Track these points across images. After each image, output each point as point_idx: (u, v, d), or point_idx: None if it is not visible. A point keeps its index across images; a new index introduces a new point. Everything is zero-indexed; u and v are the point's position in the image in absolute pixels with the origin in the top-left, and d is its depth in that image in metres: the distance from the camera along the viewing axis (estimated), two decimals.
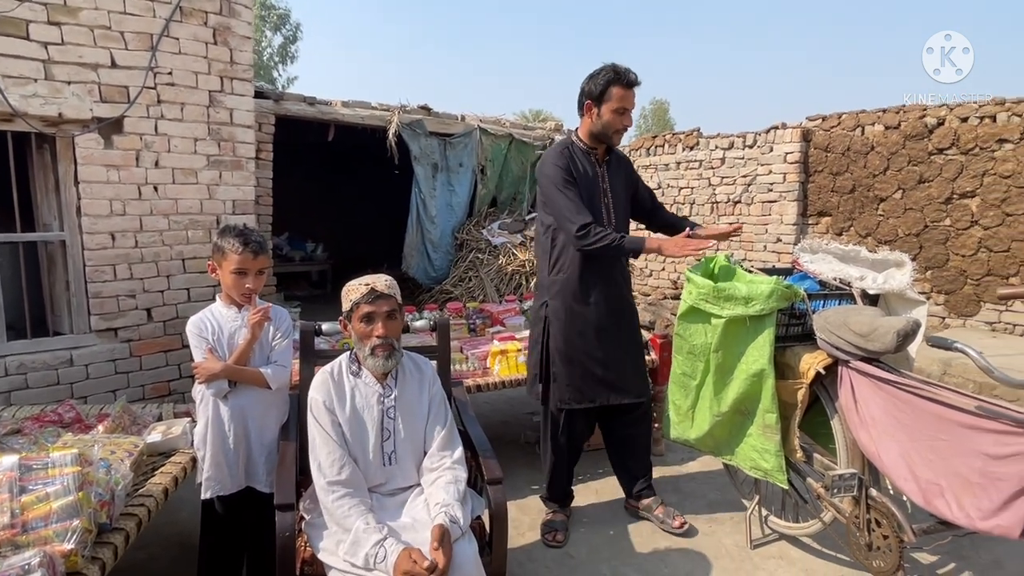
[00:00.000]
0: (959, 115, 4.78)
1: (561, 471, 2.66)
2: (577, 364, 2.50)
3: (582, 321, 2.48)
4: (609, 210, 2.53)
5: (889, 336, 1.90)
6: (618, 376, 2.53)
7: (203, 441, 1.97)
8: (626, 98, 2.38)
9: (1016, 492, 1.53)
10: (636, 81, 2.41)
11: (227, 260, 1.96)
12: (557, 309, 2.51)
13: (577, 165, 2.47)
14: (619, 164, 2.64)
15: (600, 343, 2.50)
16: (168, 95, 3.39)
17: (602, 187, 2.52)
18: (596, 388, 2.52)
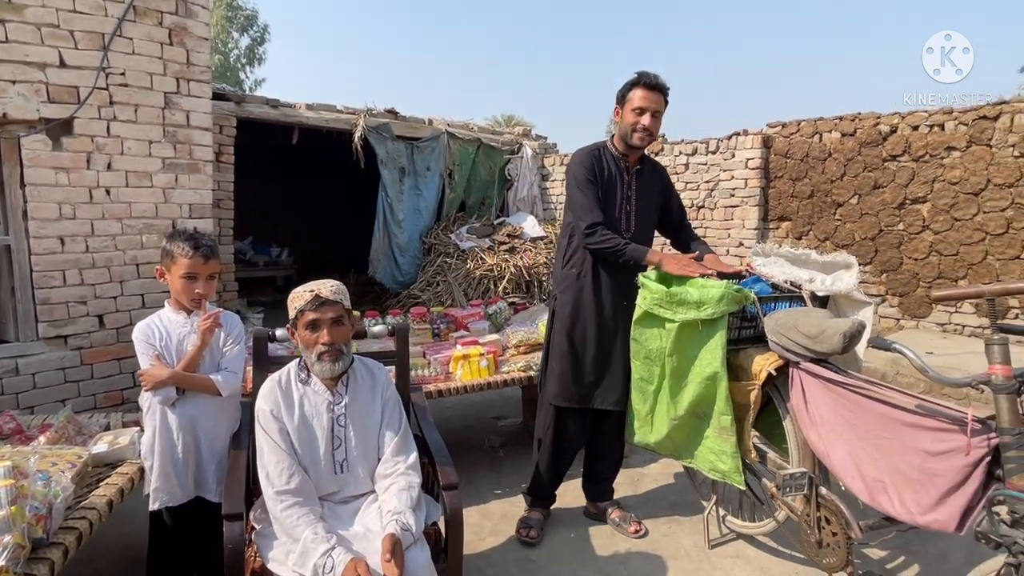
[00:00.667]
0: (910, 123, 4.94)
1: (545, 468, 2.67)
2: (572, 362, 2.53)
3: (585, 320, 2.52)
4: (630, 217, 2.54)
5: (836, 338, 1.95)
6: (609, 382, 2.54)
7: (151, 451, 1.92)
8: (646, 98, 2.40)
9: (951, 487, 1.59)
10: (657, 83, 2.41)
11: (176, 264, 1.92)
12: (564, 304, 2.57)
13: (604, 168, 2.52)
14: (652, 175, 2.63)
15: (599, 346, 2.52)
16: (121, 96, 3.30)
17: (626, 194, 2.54)
18: (585, 390, 2.54)
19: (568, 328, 2.54)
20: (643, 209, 2.58)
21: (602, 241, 2.40)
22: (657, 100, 2.41)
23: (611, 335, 2.52)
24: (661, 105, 2.43)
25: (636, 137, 2.44)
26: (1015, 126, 4.44)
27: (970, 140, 4.63)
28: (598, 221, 2.41)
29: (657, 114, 2.43)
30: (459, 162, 7.01)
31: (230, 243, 5.47)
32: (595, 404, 2.55)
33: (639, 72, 2.43)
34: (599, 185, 2.49)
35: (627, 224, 2.54)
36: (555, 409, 2.59)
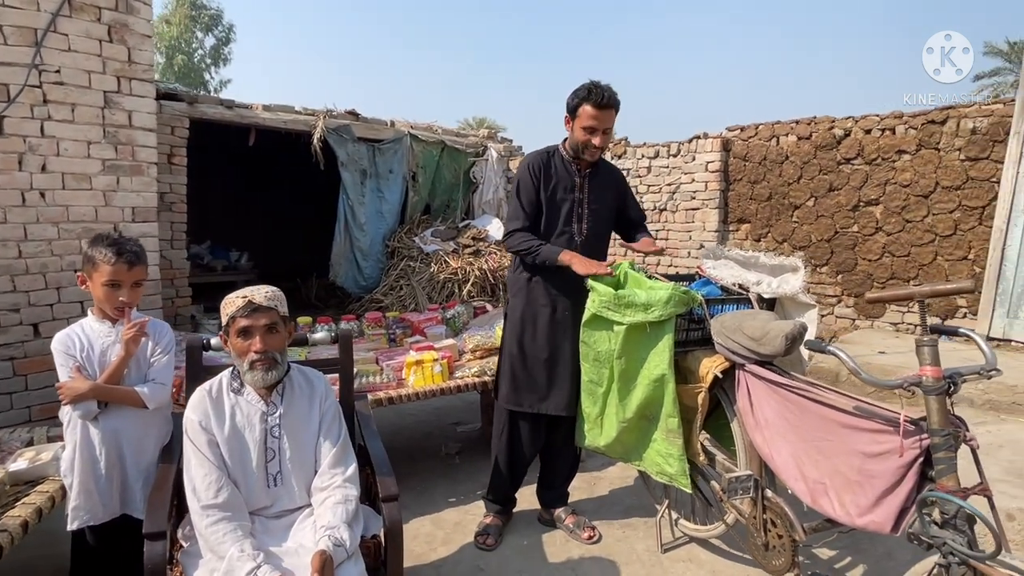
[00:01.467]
0: (863, 127, 5.05)
1: (500, 472, 2.65)
2: (522, 366, 2.52)
3: (534, 324, 2.50)
4: (582, 220, 2.51)
5: (778, 340, 1.95)
6: (559, 387, 2.51)
7: (71, 467, 1.82)
8: (596, 117, 2.34)
9: (887, 489, 1.59)
10: (606, 102, 2.33)
11: (98, 271, 1.82)
12: (514, 308, 2.57)
13: (555, 171, 2.50)
14: (607, 177, 2.60)
15: (547, 350, 2.49)
16: (56, 95, 3.16)
17: (578, 197, 2.50)
18: (536, 395, 2.52)
19: (518, 332, 2.52)
20: (597, 212, 2.55)
21: (518, 243, 2.44)
22: (607, 117, 2.36)
23: (559, 339, 2.49)
24: (611, 120, 2.39)
25: (587, 155, 2.44)
26: (961, 130, 4.56)
27: (919, 144, 4.75)
28: (520, 226, 2.46)
29: (608, 131, 2.41)
30: (423, 164, 6.93)
31: (183, 247, 5.30)
32: (545, 409, 2.52)
33: (589, 87, 2.35)
34: (544, 190, 2.47)
35: (579, 227, 2.51)
36: (508, 413, 2.58)
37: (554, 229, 2.50)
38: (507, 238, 2.50)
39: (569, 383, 2.50)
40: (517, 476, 2.69)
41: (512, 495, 2.74)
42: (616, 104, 2.38)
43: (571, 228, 2.50)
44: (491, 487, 2.71)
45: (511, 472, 2.66)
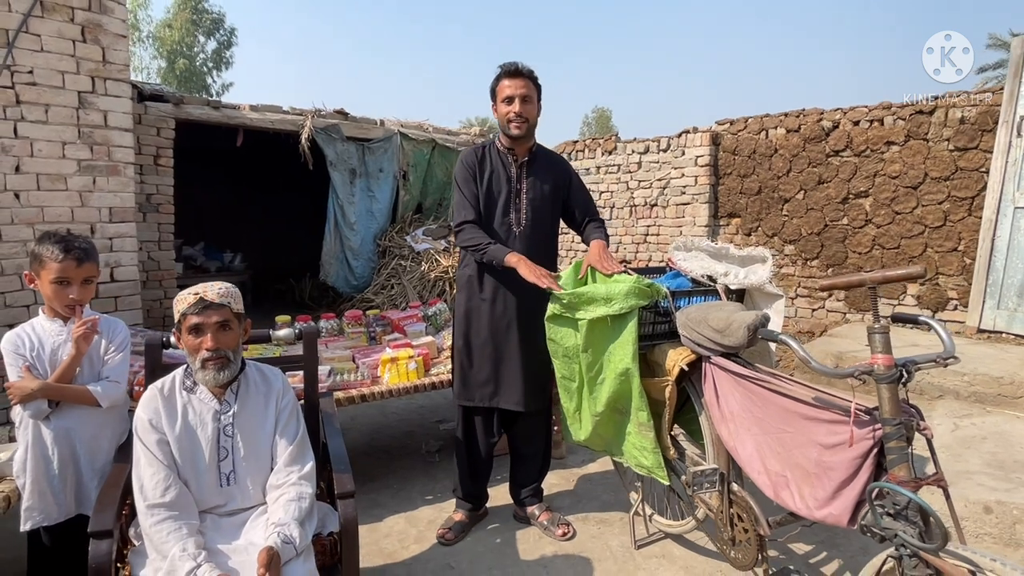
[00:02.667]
0: (851, 119, 4.99)
1: (462, 469, 2.65)
2: (468, 361, 2.52)
3: (476, 318, 2.49)
4: (520, 211, 2.48)
5: (741, 331, 1.91)
6: (506, 382, 2.49)
7: (23, 467, 1.81)
8: (511, 86, 2.37)
9: (844, 480, 1.56)
10: (518, 70, 2.38)
11: (46, 269, 1.80)
12: (459, 303, 2.58)
13: (489, 164, 2.49)
14: (546, 165, 2.55)
15: (491, 345, 2.48)
16: (29, 95, 3.16)
17: (515, 187, 2.48)
18: (483, 389, 2.50)
19: (464, 328, 2.53)
20: (536, 201, 2.50)
21: (468, 239, 2.44)
22: (523, 85, 2.37)
23: (504, 333, 2.47)
24: (529, 89, 2.38)
25: (512, 127, 2.40)
26: (949, 120, 4.51)
27: (908, 134, 4.69)
28: (467, 220, 2.46)
29: (527, 98, 2.38)
30: (413, 163, 6.92)
31: (171, 248, 5.31)
32: (494, 403, 2.50)
33: (501, 64, 2.41)
34: (479, 182, 2.47)
35: (517, 218, 2.48)
36: (462, 409, 2.58)
37: (492, 221, 2.48)
38: (458, 232, 2.48)
39: (519, 377, 2.47)
40: (478, 473, 2.66)
41: (478, 492, 2.71)
42: (528, 72, 2.39)
43: (508, 219, 2.48)
44: (458, 483, 2.70)
45: (471, 468, 2.64)
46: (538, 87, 2.44)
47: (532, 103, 2.41)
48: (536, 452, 2.69)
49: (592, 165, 6.90)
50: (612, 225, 6.72)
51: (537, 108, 2.45)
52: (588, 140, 7.05)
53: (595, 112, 37.81)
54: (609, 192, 6.74)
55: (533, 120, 2.43)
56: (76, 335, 1.79)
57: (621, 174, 6.58)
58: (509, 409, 2.51)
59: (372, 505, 2.87)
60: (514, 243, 2.46)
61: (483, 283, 2.49)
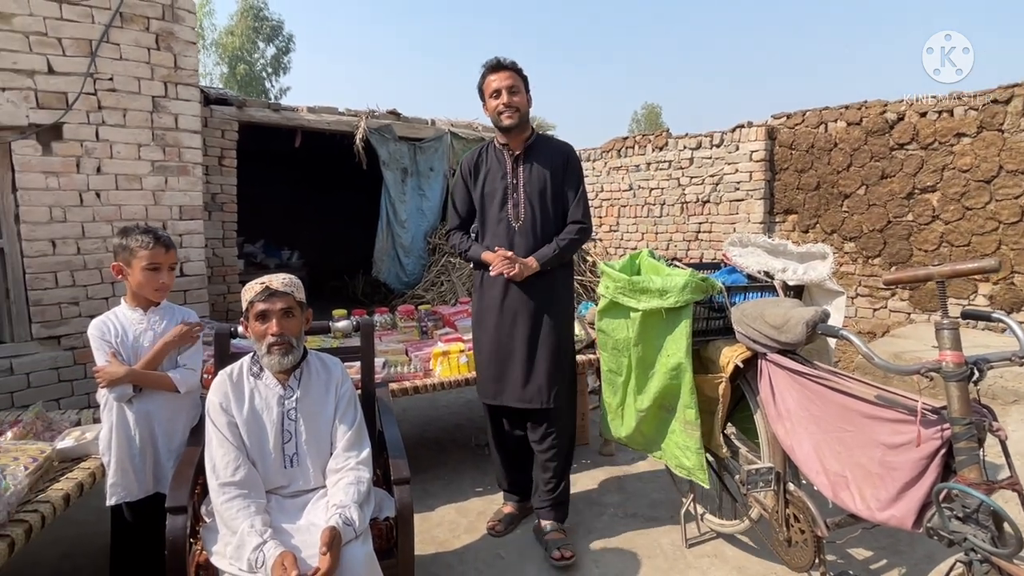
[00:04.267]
0: (918, 110, 4.77)
1: (502, 461, 2.68)
2: (480, 359, 2.55)
3: (485, 317, 2.49)
4: (518, 206, 2.43)
5: (799, 327, 1.88)
6: (512, 379, 2.43)
7: (108, 446, 1.94)
8: (496, 80, 2.36)
9: (908, 481, 1.51)
10: (499, 63, 2.38)
11: (137, 258, 1.94)
12: (473, 303, 2.61)
13: (485, 163, 2.51)
14: (543, 156, 2.44)
15: (497, 343, 2.45)
16: (109, 101, 3.37)
17: (511, 181, 2.44)
18: (493, 386, 2.48)
19: (475, 326, 2.57)
20: (533, 194, 2.42)
21: (454, 245, 2.57)
22: (507, 76, 2.35)
23: (511, 331, 2.41)
24: (515, 80, 2.36)
25: (504, 118, 2.37)
26: None
27: (981, 125, 4.45)
28: (452, 227, 2.59)
29: (513, 89, 2.35)
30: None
31: (234, 245, 5.55)
32: (503, 400, 2.46)
33: (483, 64, 2.42)
34: (474, 186, 2.50)
35: (515, 213, 2.43)
36: (485, 404, 2.60)
37: (491, 218, 2.46)
38: (448, 240, 2.60)
39: (522, 374, 2.40)
40: (510, 465, 2.67)
41: (521, 481, 2.70)
42: (510, 64, 2.38)
43: (506, 215, 2.44)
44: (499, 475, 2.74)
45: (503, 462, 2.67)
46: (524, 78, 2.41)
47: (520, 92, 2.37)
48: (554, 456, 2.49)
49: (642, 162, 6.82)
50: (663, 222, 6.63)
51: (526, 98, 2.40)
52: (638, 136, 6.97)
53: (644, 108, 37.27)
54: (660, 189, 6.65)
55: (524, 109, 2.38)
56: (182, 332, 1.94)
57: (672, 170, 6.49)
58: (513, 406, 2.46)
59: (424, 495, 2.94)
60: (513, 239, 2.42)
61: (488, 283, 2.47)
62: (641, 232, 6.92)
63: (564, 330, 2.49)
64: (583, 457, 3.39)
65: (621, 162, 7.09)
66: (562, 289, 2.51)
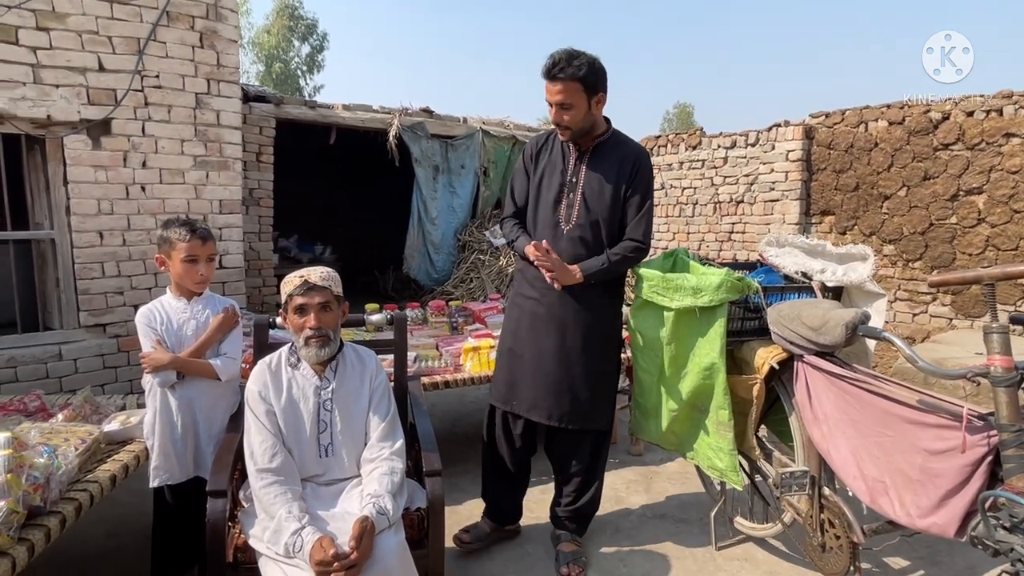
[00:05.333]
0: (964, 109, 4.61)
1: (489, 477, 2.47)
2: (505, 360, 2.35)
3: (518, 317, 2.32)
4: (573, 207, 2.20)
5: (838, 329, 1.84)
6: (526, 388, 2.25)
7: (152, 430, 2.01)
8: (549, 91, 2.09)
9: (952, 489, 1.47)
10: (549, 72, 2.06)
11: (176, 249, 2.00)
12: (509, 298, 2.46)
13: (549, 153, 2.29)
14: (612, 158, 2.21)
15: (528, 343, 2.25)
16: (155, 97, 3.48)
17: (570, 180, 2.22)
18: (511, 390, 2.30)
19: (505, 323, 2.41)
20: (592, 198, 2.19)
21: (506, 233, 2.38)
22: (559, 91, 2.05)
23: (534, 338, 2.24)
24: (566, 94, 2.05)
25: (559, 131, 2.18)
26: None
27: None
28: (508, 215, 2.40)
29: (564, 105, 2.07)
30: (494, 159, 7.03)
31: (270, 239, 5.68)
32: (512, 408, 2.29)
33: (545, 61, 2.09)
34: (534, 174, 2.30)
35: (567, 215, 2.21)
36: (490, 406, 2.42)
37: (541, 216, 2.26)
38: (501, 224, 2.42)
39: (555, 386, 2.21)
40: (499, 486, 2.44)
41: (502, 507, 2.46)
42: (562, 75, 2.03)
43: (558, 216, 2.22)
44: (482, 491, 2.52)
45: (491, 478, 2.46)
46: (581, 81, 2.05)
47: (573, 108, 2.08)
48: (575, 476, 2.35)
49: (675, 161, 6.75)
50: (695, 222, 6.55)
51: (581, 110, 2.09)
52: (671, 135, 6.90)
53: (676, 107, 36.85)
54: (692, 188, 6.57)
55: (576, 125, 2.12)
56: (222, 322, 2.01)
57: (705, 169, 6.40)
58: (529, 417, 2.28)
59: (452, 489, 2.96)
60: (560, 242, 2.20)
61: (526, 280, 2.30)
62: (672, 232, 6.85)
63: (603, 353, 2.28)
64: (611, 456, 3.35)
65: (653, 161, 7.01)
66: (606, 307, 2.28)
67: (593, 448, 2.35)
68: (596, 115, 2.17)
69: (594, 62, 2.09)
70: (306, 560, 1.53)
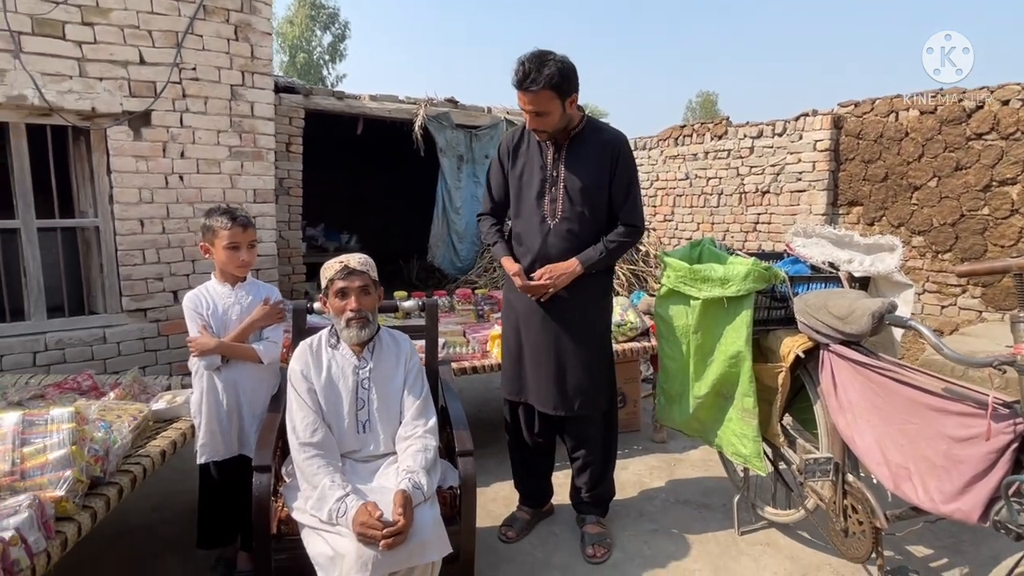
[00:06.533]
0: (1000, 98, 4.53)
1: (517, 465, 2.57)
2: (507, 351, 2.43)
3: (513, 311, 2.38)
4: (557, 201, 2.21)
5: (865, 318, 1.87)
6: (534, 380, 2.32)
7: (198, 410, 2.11)
8: (521, 99, 2.08)
9: (975, 475, 1.50)
10: (521, 84, 2.03)
11: (219, 237, 2.09)
12: (504, 292, 2.50)
13: (525, 147, 2.29)
14: (590, 148, 2.21)
15: (525, 339, 2.33)
16: (192, 89, 3.59)
17: (551, 174, 2.22)
18: (514, 384, 2.39)
19: (503, 318, 2.48)
20: (574, 191, 2.19)
21: (483, 233, 2.44)
22: (531, 100, 2.04)
23: (536, 332, 2.29)
24: (538, 103, 2.03)
25: (536, 135, 2.20)
26: None
27: None
28: (482, 212, 2.44)
29: (539, 112, 2.06)
30: None
31: (298, 228, 5.81)
32: (523, 399, 2.38)
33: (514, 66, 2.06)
34: (512, 169, 2.30)
35: (552, 210, 2.22)
36: (507, 401, 2.50)
37: (525, 212, 2.28)
38: (479, 222, 2.47)
39: (549, 378, 2.27)
40: (527, 471, 2.54)
41: (534, 488, 2.56)
42: (536, 86, 2.00)
43: (542, 210, 2.23)
44: (514, 478, 2.62)
45: (519, 466, 2.56)
46: (554, 89, 2.03)
47: (548, 114, 2.07)
48: (590, 461, 2.43)
49: (700, 151, 6.72)
50: (719, 212, 6.53)
51: (556, 114, 2.09)
52: (696, 124, 6.86)
53: (699, 96, 36.36)
54: (717, 178, 6.54)
55: (553, 127, 2.13)
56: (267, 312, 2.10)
57: (731, 159, 6.37)
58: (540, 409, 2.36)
59: (480, 471, 3.00)
60: (548, 237, 2.23)
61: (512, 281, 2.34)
62: (697, 222, 6.83)
63: (599, 337, 2.35)
64: (635, 443, 3.44)
65: (678, 151, 7.00)
66: (599, 291, 2.34)
67: (604, 428, 2.44)
68: (571, 114, 2.16)
69: (564, 65, 2.06)
70: (348, 525, 1.61)
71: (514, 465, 2.59)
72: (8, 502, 1.47)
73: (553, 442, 2.54)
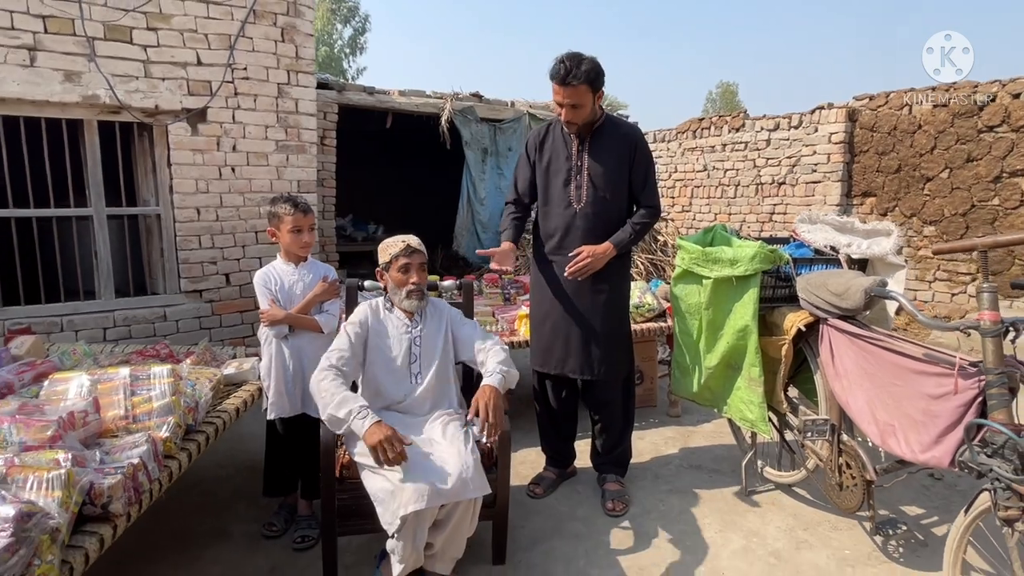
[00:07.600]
0: (1011, 91, 4.66)
1: (545, 429, 2.81)
2: (536, 327, 2.67)
3: (541, 283, 2.62)
4: (581, 188, 2.47)
5: (858, 294, 2.10)
6: (566, 349, 2.56)
7: (267, 373, 2.41)
8: (558, 92, 2.32)
9: (947, 427, 1.73)
10: (556, 75, 2.28)
11: (283, 222, 2.38)
12: (532, 272, 2.75)
13: (551, 141, 2.55)
14: (611, 140, 2.48)
15: (553, 313, 2.57)
16: (243, 88, 3.89)
17: (575, 163, 2.48)
18: (547, 355, 2.62)
19: (534, 295, 2.71)
20: (600, 177, 2.45)
21: (502, 220, 2.67)
22: (569, 94, 2.28)
23: (564, 306, 2.54)
24: (576, 96, 2.29)
25: (566, 125, 2.43)
26: None
27: None
28: (507, 200, 2.68)
29: (574, 106, 2.32)
30: None
31: (332, 218, 6.11)
32: (557, 370, 2.59)
33: (554, 62, 2.30)
34: (539, 162, 2.55)
35: (578, 196, 2.48)
36: (535, 371, 2.72)
37: (552, 200, 2.54)
38: (504, 208, 2.72)
39: (579, 345, 2.52)
40: (554, 431, 2.77)
41: (559, 451, 2.81)
42: (576, 81, 2.26)
43: (568, 197, 2.49)
44: (541, 440, 2.86)
45: (547, 427, 2.79)
46: (590, 84, 2.29)
47: (582, 107, 2.33)
48: (610, 423, 2.69)
49: (718, 143, 6.90)
50: (736, 203, 6.71)
51: (588, 107, 2.35)
52: (714, 117, 7.04)
53: (719, 87, 36.12)
54: (735, 170, 6.72)
55: (584, 120, 2.39)
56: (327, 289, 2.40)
57: (748, 151, 6.54)
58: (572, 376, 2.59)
59: None
60: (574, 220, 2.48)
61: (543, 249, 2.60)
62: (714, 213, 7.02)
63: (621, 311, 2.62)
64: (651, 417, 3.69)
65: (696, 143, 7.18)
66: (621, 272, 2.60)
67: (624, 394, 2.70)
68: (598, 108, 2.44)
69: (596, 63, 2.33)
70: (362, 431, 1.86)
71: (542, 429, 2.85)
72: (130, 438, 1.77)
73: (576, 408, 2.81)
